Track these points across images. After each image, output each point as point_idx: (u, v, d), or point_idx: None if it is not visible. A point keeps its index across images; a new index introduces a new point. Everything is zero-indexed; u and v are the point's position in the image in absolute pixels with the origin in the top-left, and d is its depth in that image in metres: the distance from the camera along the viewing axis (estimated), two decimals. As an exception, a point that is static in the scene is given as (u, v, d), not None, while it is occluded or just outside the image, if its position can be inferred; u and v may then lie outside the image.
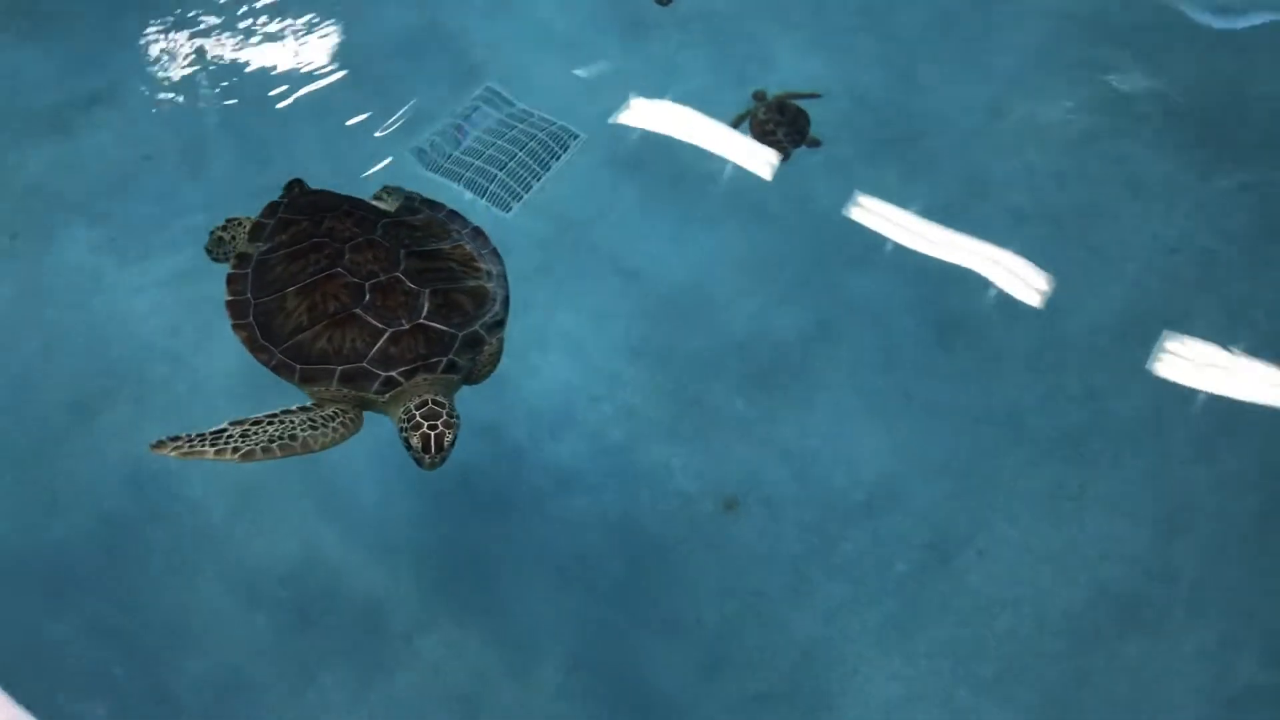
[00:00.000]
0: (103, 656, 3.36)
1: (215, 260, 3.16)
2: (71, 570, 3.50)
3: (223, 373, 3.81)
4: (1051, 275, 4.14)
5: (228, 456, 2.57)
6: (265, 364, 2.75)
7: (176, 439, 2.61)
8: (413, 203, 3.16)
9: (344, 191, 3.22)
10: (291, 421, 2.65)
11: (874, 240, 4.28)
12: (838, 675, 3.45)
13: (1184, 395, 3.87)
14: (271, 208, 3.11)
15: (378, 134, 4.49)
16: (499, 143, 4.44)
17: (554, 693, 3.41)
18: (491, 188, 4.34)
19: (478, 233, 3.10)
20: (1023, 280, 4.15)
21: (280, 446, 2.59)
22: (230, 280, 2.91)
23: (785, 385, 4.00)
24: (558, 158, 4.41)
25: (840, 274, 4.23)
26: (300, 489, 3.61)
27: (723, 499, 3.77)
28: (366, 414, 2.81)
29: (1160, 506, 3.69)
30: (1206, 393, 3.86)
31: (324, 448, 2.64)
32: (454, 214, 3.16)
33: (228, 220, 3.17)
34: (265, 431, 2.62)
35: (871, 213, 4.33)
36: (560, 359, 4.03)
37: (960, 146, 4.50)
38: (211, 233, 3.18)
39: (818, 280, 4.25)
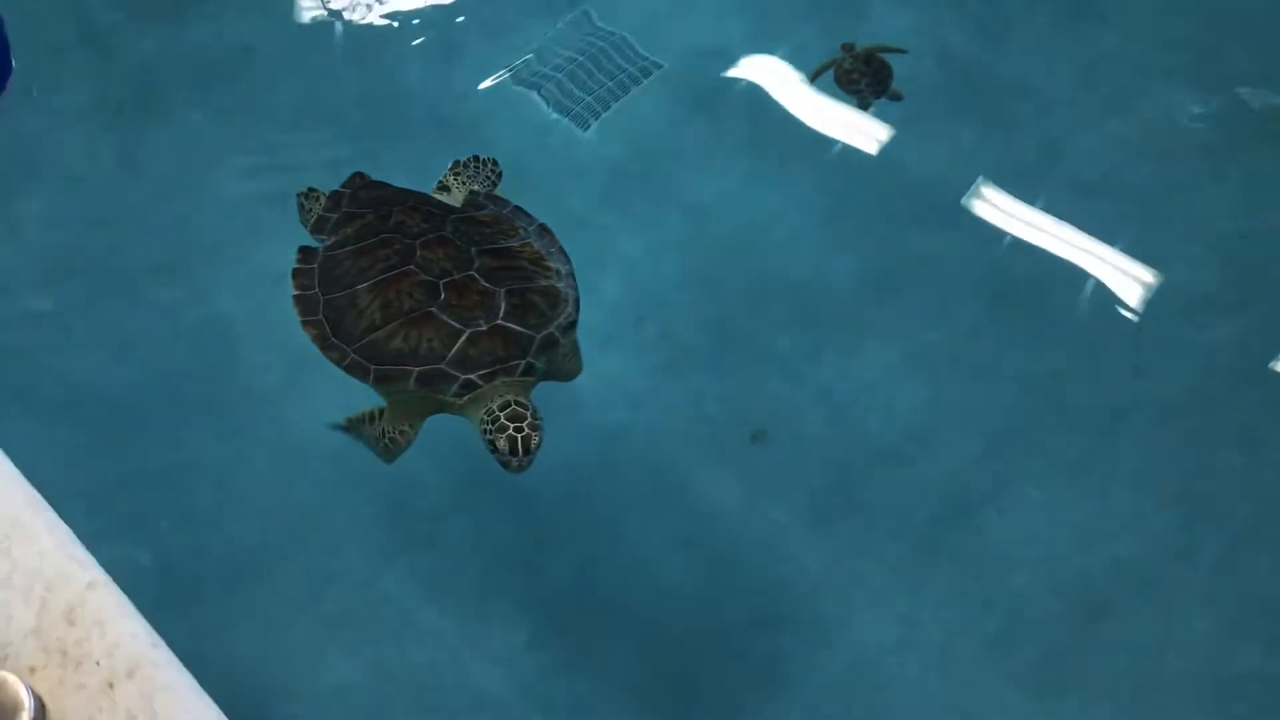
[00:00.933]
0: (151, 506, 3.58)
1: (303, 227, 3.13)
2: (133, 417, 3.73)
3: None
4: (1114, 249, 4.09)
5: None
6: (337, 363, 2.70)
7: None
8: (477, 197, 3.08)
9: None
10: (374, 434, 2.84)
11: (941, 199, 4.28)
12: (839, 612, 3.51)
13: (1232, 381, 3.81)
14: (335, 199, 3.03)
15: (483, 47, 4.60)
16: (583, 60, 4.53)
17: (564, 590, 3.54)
18: (575, 108, 4.44)
19: (544, 230, 3.02)
20: (1084, 252, 4.11)
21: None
22: (296, 275, 2.86)
23: (831, 329, 4.05)
24: (639, 83, 4.49)
25: (903, 228, 4.24)
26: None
27: (752, 430, 3.85)
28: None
29: (1192, 488, 3.66)
30: (1257, 380, 3.80)
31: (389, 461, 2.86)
32: (519, 210, 3.07)
33: (310, 189, 3.14)
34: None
35: (942, 171, 4.32)
36: (614, 280, 4.13)
37: (1041, 114, 4.45)
38: (298, 197, 3.17)
39: (880, 231, 4.26)
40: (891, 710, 3.37)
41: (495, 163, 3.24)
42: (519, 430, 2.52)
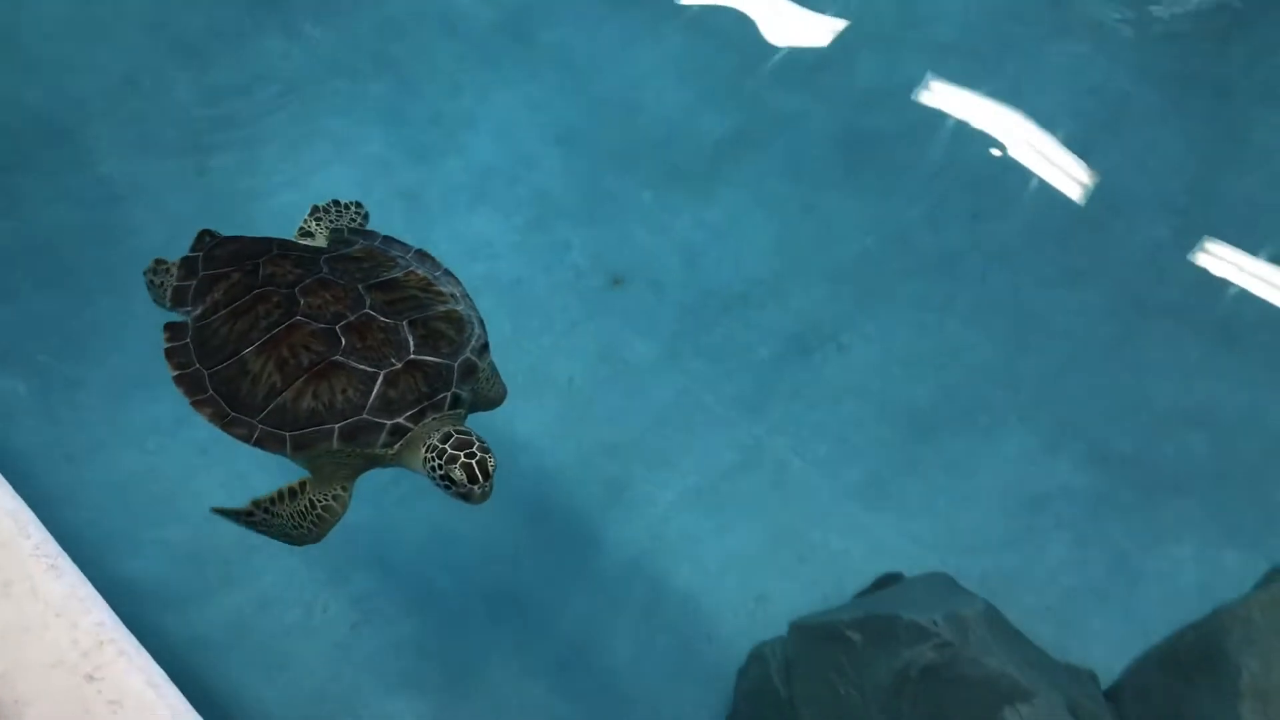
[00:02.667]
0: (35, 343, 3.78)
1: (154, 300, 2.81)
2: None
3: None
4: (963, 103, 4.28)
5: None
6: (245, 439, 2.42)
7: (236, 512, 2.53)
8: (341, 234, 2.84)
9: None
10: (289, 511, 2.50)
11: (801, 60, 4.45)
12: (682, 439, 3.76)
13: (1061, 223, 4.04)
14: (187, 265, 2.72)
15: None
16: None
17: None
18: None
19: (423, 255, 2.80)
20: (936, 107, 4.30)
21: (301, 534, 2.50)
22: (170, 355, 2.56)
23: (692, 183, 4.25)
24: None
25: (765, 88, 4.42)
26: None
27: (613, 276, 4.07)
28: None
29: (1017, 323, 3.90)
30: (1079, 221, 4.03)
31: (317, 539, 2.50)
32: (390, 239, 2.84)
33: (155, 261, 2.78)
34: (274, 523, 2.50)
35: (802, 32, 4.48)
36: (487, 140, 4.32)
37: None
38: (145, 276, 2.81)
39: (746, 92, 4.45)
40: (731, 525, 3.62)
41: (359, 205, 2.97)
42: (471, 456, 2.31)
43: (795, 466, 3.72)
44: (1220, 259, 3.99)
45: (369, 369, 2.41)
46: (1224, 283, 3.95)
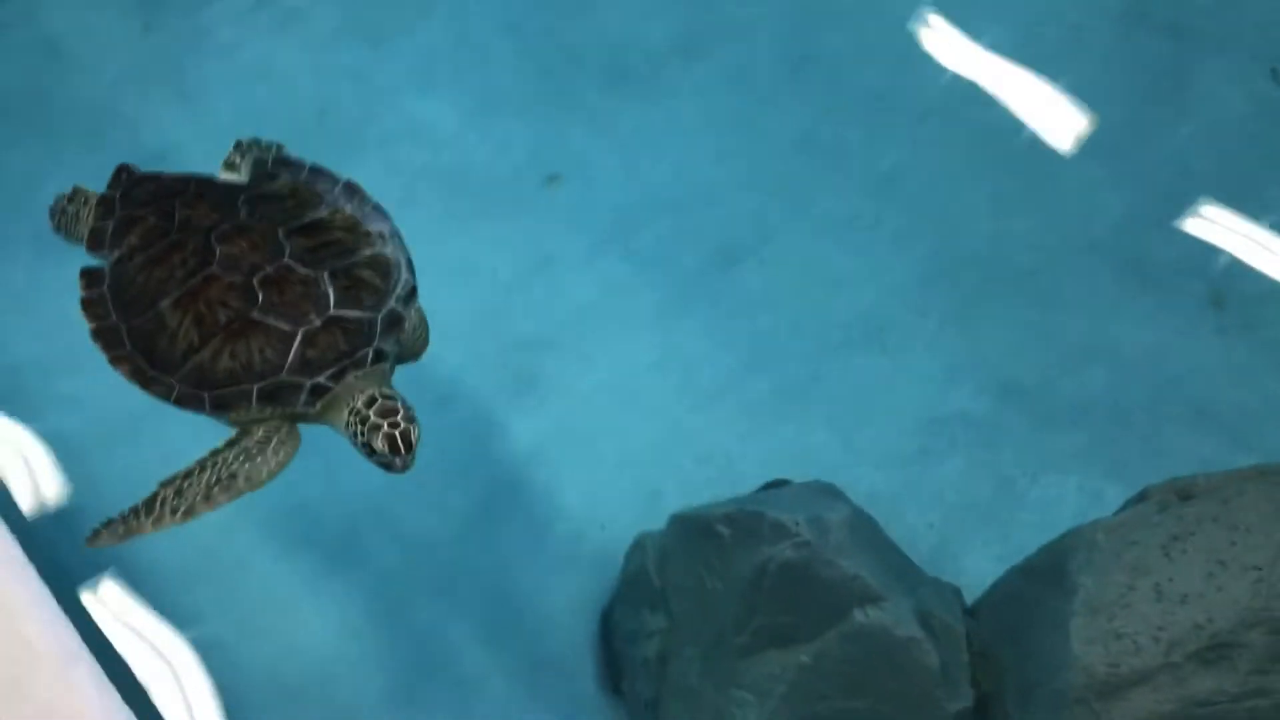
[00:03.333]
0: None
1: (62, 237, 2.72)
2: None
3: None
4: (915, 28, 4.30)
5: (168, 522, 2.30)
6: (165, 398, 2.34)
7: (111, 522, 2.33)
8: (264, 165, 2.66)
9: None
10: (225, 459, 2.34)
11: (757, -32, 4.45)
12: (600, 336, 3.84)
13: (999, 152, 4.08)
14: (105, 205, 2.58)
15: None
16: None
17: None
18: None
19: (352, 189, 2.61)
20: (887, 30, 4.31)
21: (221, 489, 2.31)
22: (86, 305, 2.45)
23: (639, 86, 4.27)
24: None
25: (723, -4, 4.43)
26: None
27: (550, 173, 4.11)
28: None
29: (939, 249, 3.96)
30: (1016, 152, 4.07)
31: (270, 476, 2.35)
32: (317, 170, 2.66)
33: (75, 190, 2.67)
34: (201, 480, 2.32)
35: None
36: (439, 25, 4.33)
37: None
38: (55, 202, 2.71)
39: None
40: (636, 423, 3.71)
41: (280, 145, 2.78)
42: (394, 426, 2.24)
43: (705, 373, 3.80)
44: (1149, 201, 4.03)
45: (287, 327, 2.32)
46: (1149, 224, 3.98)
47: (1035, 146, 4.14)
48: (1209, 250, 3.90)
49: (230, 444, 2.36)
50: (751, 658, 2.82)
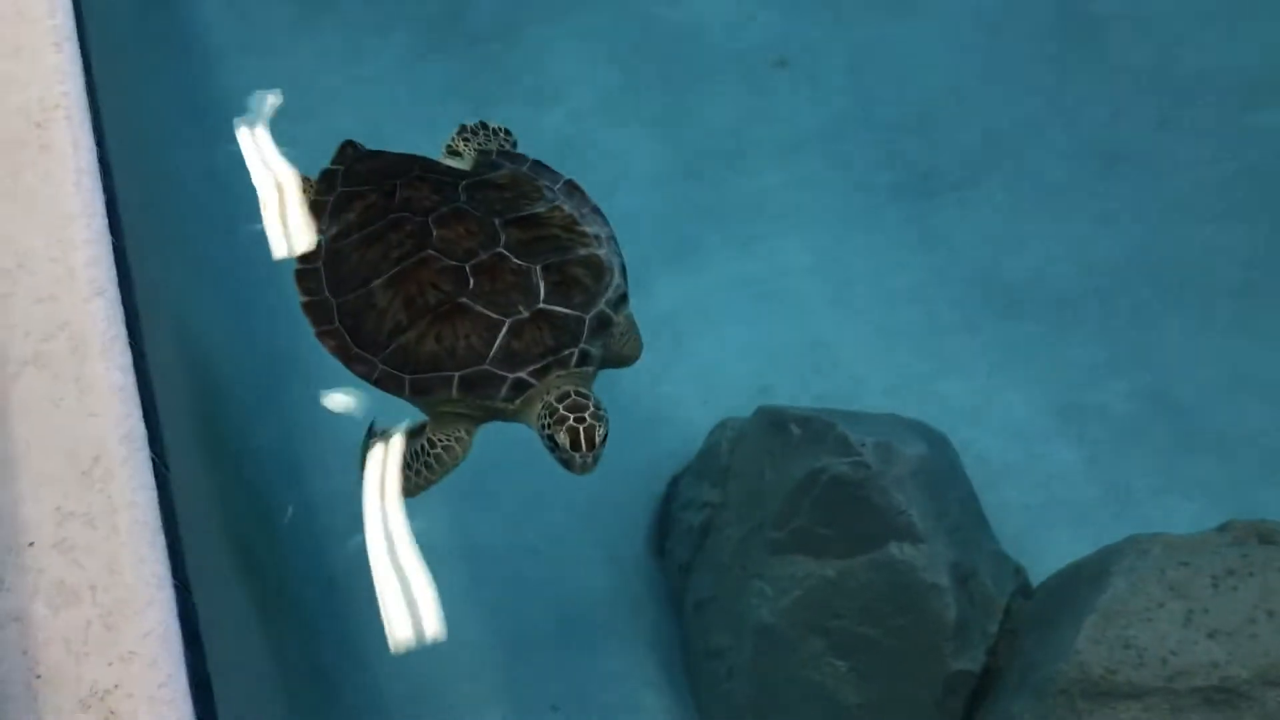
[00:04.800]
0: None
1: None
2: None
3: None
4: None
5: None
6: (365, 377, 2.32)
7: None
8: (489, 156, 2.66)
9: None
10: (428, 452, 2.36)
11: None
12: (769, 227, 3.86)
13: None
14: (327, 179, 2.60)
15: None
16: None
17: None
18: None
19: (573, 188, 2.60)
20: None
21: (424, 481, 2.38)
22: (300, 278, 2.44)
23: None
24: None
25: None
26: None
27: (778, 55, 4.12)
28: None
29: (1151, 242, 3.78)
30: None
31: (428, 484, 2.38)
32: (539, 165, 2.65)
33: (305, 177, 2.69)
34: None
35: None
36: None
37: None
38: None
39: None
40: (773, 320, 3.72)
41: (507, 131, 2.80)
42: (580, 421, 2.19)
43: (857, 291, 3.77)
44: None
45: (495, 315, 2.28)
46: None
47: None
48: None
49: (428, 434, 2.35)
50: (781, 556, 2.87)
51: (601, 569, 3.32)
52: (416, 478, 2.37)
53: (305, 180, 2.66)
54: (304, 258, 2.47)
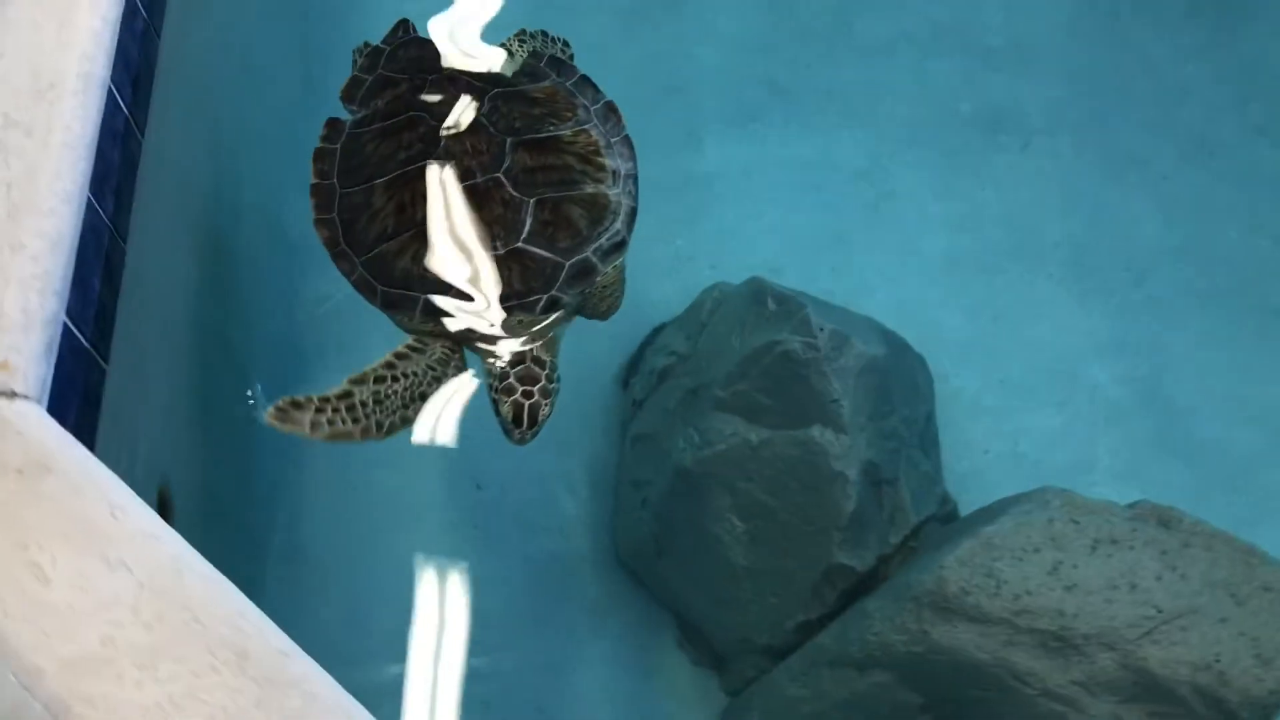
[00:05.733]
0: None
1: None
2: None
3: None
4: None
5: (373, 436, 2.16)
6: (346, 275, 2.27)
7: (299, 404, 2.11)
8: (538, 61, 2.53)
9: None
10: (415, 375, 2.21)
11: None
12: (830, 117, 3.87)
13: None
14: (372, 57, 2.53)
15: None
16: None
17: None
18: None
19: (610, 111, 2.45)
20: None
21: (415, 410, 2.21)
22: (317, 157, 2.37)
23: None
24: None
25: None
26: None
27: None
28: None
29: (1210, 264, 3.70)
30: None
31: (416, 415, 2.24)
32: (585, 81, 2.51)
33: (365, 43, 2.64)
34: (396, 393, 2.18)
35: None
36: None
37: None
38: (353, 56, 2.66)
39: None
40: (800, 207, 3.74)
41: (566, 42, 2.72)
42: (528, 396, 2.15)
43: (898, 207, 3.78)
44: None
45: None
46: None
47: None
48: None
49: (413, 356, 2.24)
50: (718, 413, 2.96)
51: (567, 387, 3.46)
52: (419, 403, 2.22)
53: (364, 47, 2.60)
54: (327, 135, 2.41)
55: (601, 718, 3.10)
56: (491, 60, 2.59)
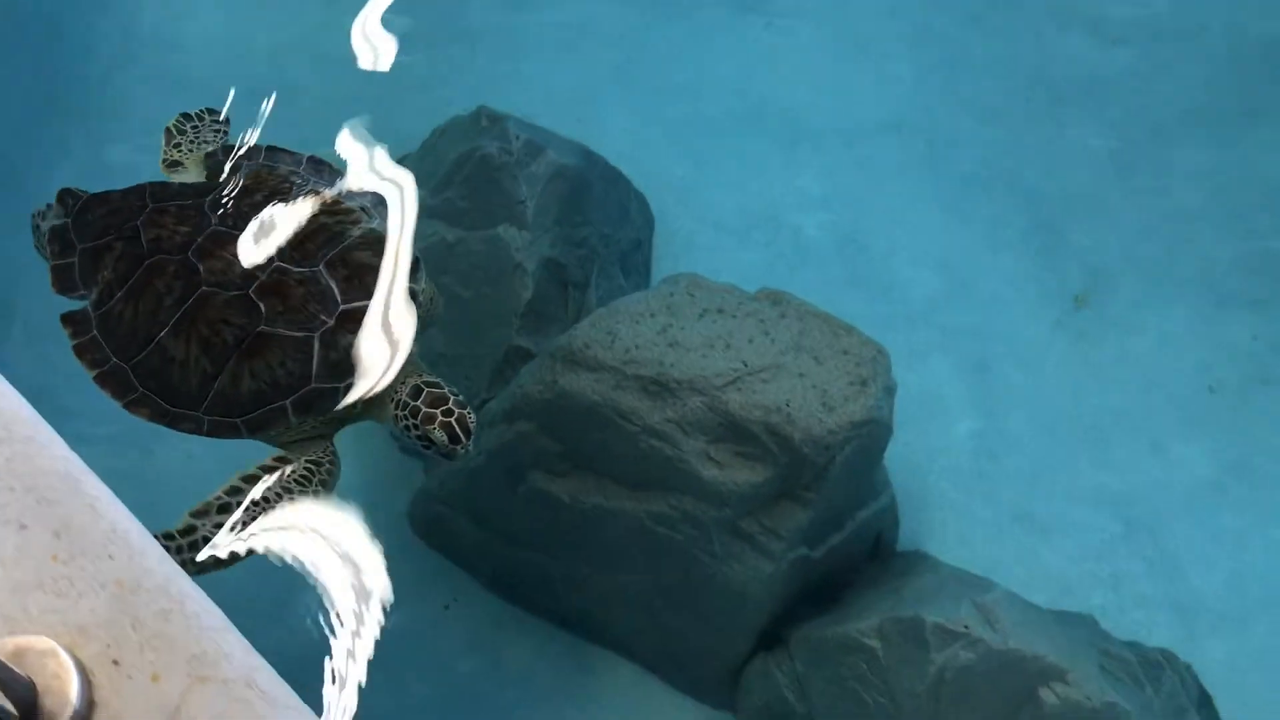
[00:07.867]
0: None
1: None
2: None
3: None
4: None
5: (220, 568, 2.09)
6: (195, 432, 2.19)
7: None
8: (215, 158, 2.51)
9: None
10: (283, 488, 2.19)
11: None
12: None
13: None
14: (58, 238, 2.35)
15: None
16: None
17: None
18: None
19: (317, 164, 2.48)
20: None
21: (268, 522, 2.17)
22: (80, 352, 2.24)
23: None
24: None
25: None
26: None
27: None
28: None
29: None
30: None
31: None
32: (274, 150, 2.50)
33: (49, 207, 2.44)
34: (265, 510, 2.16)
35: None
36: None
37: None
38: (33, 220, 2.47)
39: None
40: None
41: (211, 111, 2.64)
42: (449, 414, 2.18)
43: (658, 67, 4.13)
44: None
45: (300, 335, 2.18)
46: None
47: None
48: None
49: (275, 464, 2.22)
50: (425, 220, 3.31)
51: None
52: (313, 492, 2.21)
53: (38, 225, 2.42)
54: (75, 330, 2.27)
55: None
56: (176, 178, 2.51)
